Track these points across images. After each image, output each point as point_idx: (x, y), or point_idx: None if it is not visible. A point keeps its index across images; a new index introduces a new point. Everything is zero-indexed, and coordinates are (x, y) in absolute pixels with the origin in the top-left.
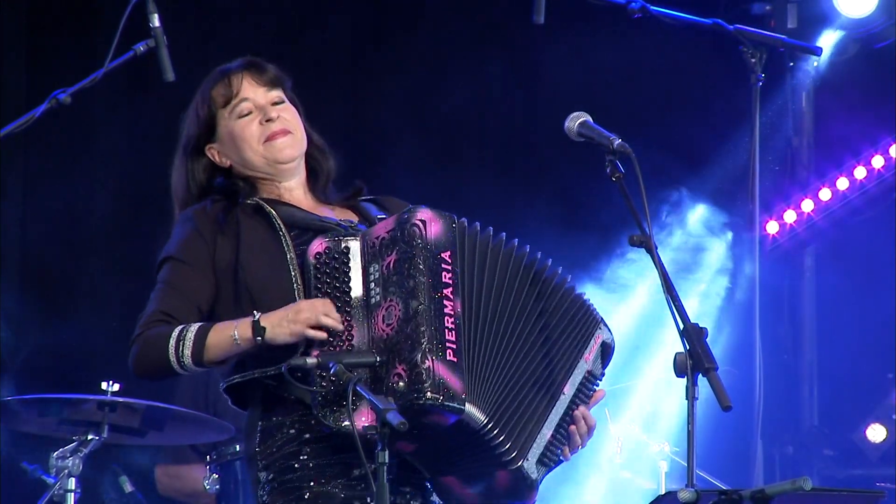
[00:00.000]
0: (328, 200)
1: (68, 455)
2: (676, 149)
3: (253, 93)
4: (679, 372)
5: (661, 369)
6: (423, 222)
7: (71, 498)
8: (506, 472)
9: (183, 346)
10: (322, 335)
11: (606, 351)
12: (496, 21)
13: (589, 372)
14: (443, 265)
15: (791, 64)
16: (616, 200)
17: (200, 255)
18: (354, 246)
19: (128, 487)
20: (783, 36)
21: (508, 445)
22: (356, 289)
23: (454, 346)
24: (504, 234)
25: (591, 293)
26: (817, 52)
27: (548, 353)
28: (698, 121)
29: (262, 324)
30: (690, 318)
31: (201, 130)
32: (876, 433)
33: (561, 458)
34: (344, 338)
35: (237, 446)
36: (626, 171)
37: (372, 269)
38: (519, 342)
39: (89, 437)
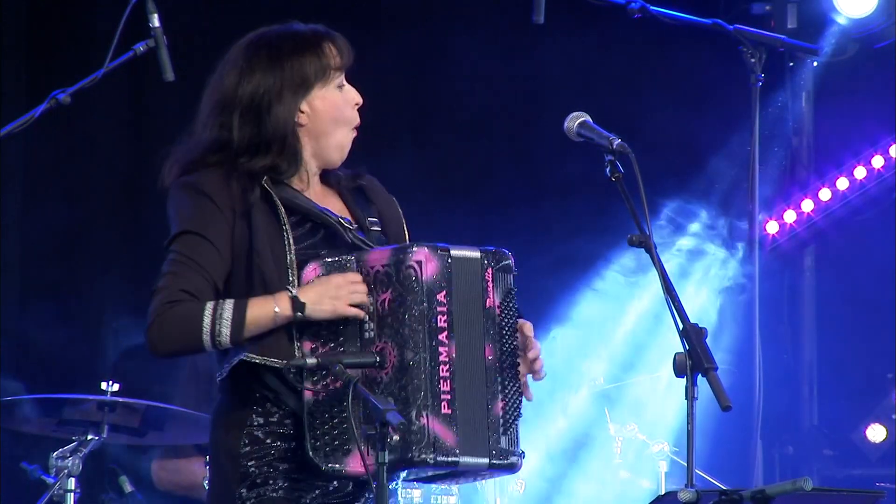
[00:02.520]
0: (328, 184)
1: (68, 455)
2: (676, 149)
3: (343, 70)
4: (679, 372)
5: (662, 369)
6: (419, 264)
7: (70, 498)
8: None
9: (220, 324)
10: (362, 314)
11: (506, 269)
12: (496, 20)
13: (499, 307)
14: (438, 308)
15: (791, 64)
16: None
17: (220, 232)
18: (349, 270)
19: (127, 487)
20: (783, 36)
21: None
22: (350, 322)
23: (449, 397)
24: (491, 248)
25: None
26: (817, 52)
27: (477, 335)
28: (698, 121)
29: (302, 299)
30: (690, 318)
31: (289, 84)
32: (876, 433)
33: (520, 402)
34: (329, 336)
35: None
36: (626, 172)
37: (369, 301)
38: (479, 353)
39: (89, 437)
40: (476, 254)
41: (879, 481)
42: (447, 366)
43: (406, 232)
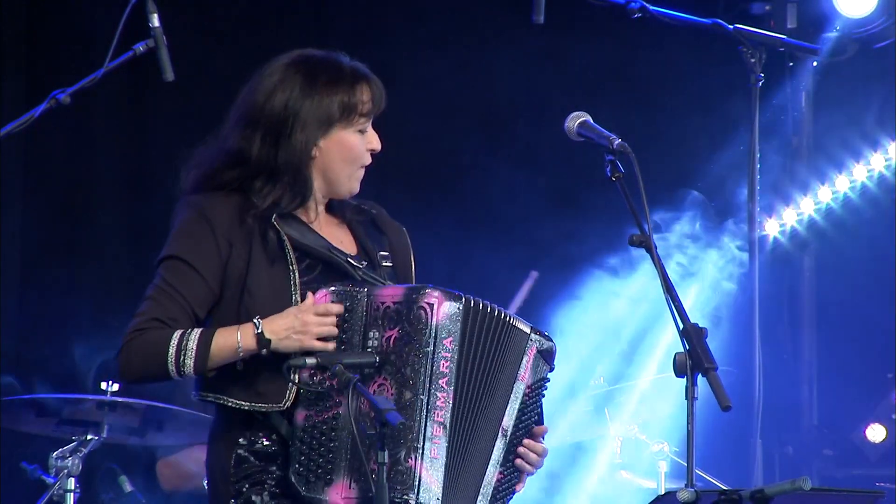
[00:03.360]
0: (334, 213)
1: (68, 455)
2: (676, 148)
3: (369, 115)
4: (679, 372)
5: (661, 369)
6: (431, 307)
7: (70, 498)
8: None
9: (185, 356)
10: (330, 346)
11: (546, 355)
12: (499, 20)
13: (529, 387)
14: (443, 353)
15: (791, 64)
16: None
17: (210, 262)
18: (359, 302)
19: (127, 487)
20: (783, 36)
21: None
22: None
23: (438, 443)
24: (542, 331)
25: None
26: (817, 51)
27: (493, 397)
28: (698, 121)
29: (267, 335)
30: (690, 318)
31: (333, 115)
32: (875, 433)
33: (515, 489)
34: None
35: None
36: (626, 171)
37: (371, 335)
38: (486, 407)
39: (89, 436)
40: (525, 328)
41: (879, 481)
42: (442, 412)
43: (413, 263)
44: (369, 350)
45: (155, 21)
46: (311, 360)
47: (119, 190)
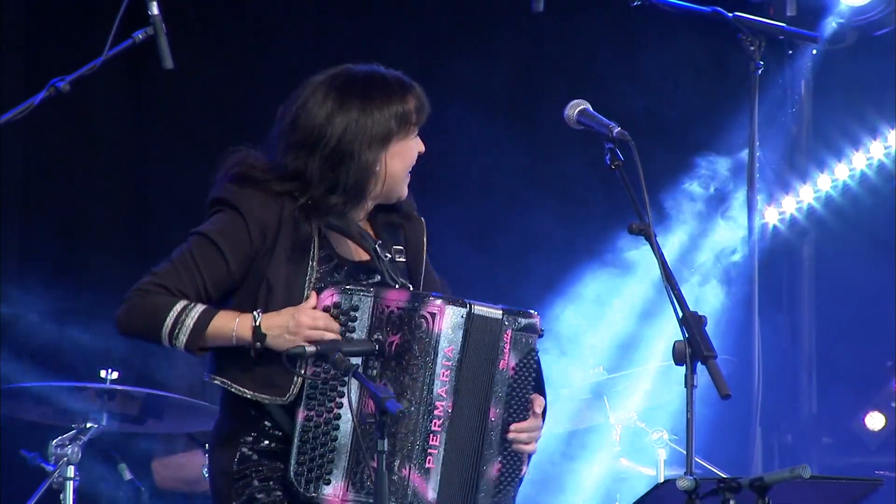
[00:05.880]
0: (376, 222)
1: (67, 443)
2: (675, 137)
3: (417, 126)
4: (678, 360)
5: (661, 357)
6: (433, 315)
7: (70, 485)
8: None
9: (179, 330)
10: (327, 336)
11: (527, 329)
12: (495, 8)
13: (515, 367)
14: (444, 362)
15: (790, 52)
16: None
17: (238, 249)
18: (366, 304)
19: (126, 475)
20: (782, 24)
21: None
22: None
23: (435, 452)
24: (515, 308)
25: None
26: (816, 39)
27: (483, 394)
28: (697, 108)
29: (263, 330)
30: (689, 306)
31: (392, 129)
32: (875, 421)
33: (521, 473)
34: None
35: None
36: (626, 159)
37: (375, 337)
38: (479, 406)
39: (88, 424)
40: (498, 313)
41: (878, 469)
42: (440, 421)
43: (424, 259)
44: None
45: (154, 9)
46: (310, 349)
47: (119, 177)
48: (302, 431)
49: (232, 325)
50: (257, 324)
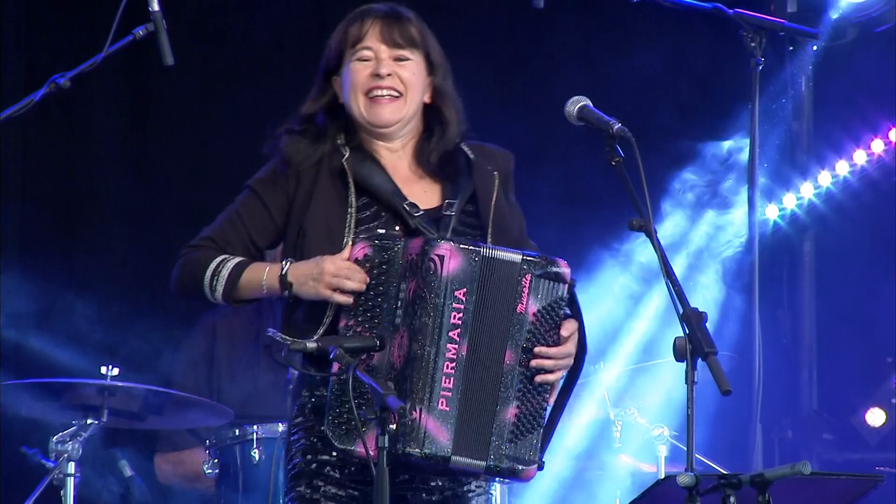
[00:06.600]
0: (430, 168)
1: (68, 439)
2: (675, 133)
3: (376, 44)
4: (679, 356)
5: (662, 354)
6: (441, 258)
7: (70, 482)
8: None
9: (217, 280)
10: (347, 300)
11: (551, 276)
12: (496, 6)
13: (534, 313)
14: (454, 304)
15: (791, 48)
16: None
17: (276, 196)
18: (396, 255)
19: (127, 471)
20: (783, 20)
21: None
22: (387, 302)
23: (448, 394)
24: (536, 255)
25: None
26: (817, 36)
27: (499, 338)
28: (698, 105)
29: (289, 278)
30: (690, 302)
31: (330, 59)
32: (875, 417)
33: (544, 408)
34: (366, 314)
35: (236, 430)
36: (626, 156)
37: (402, 286)
38: (495, 350)
39: (89, 421)
40: (516, 258)
41: (879, 465)
42: (453, 363)
43: (492, 206)
44: (399, 302)
45: (155, 5)
46: (311, 345)
47: (119, 173)
48: (335, 387)
49: (262, 274)
50: (284, 272)
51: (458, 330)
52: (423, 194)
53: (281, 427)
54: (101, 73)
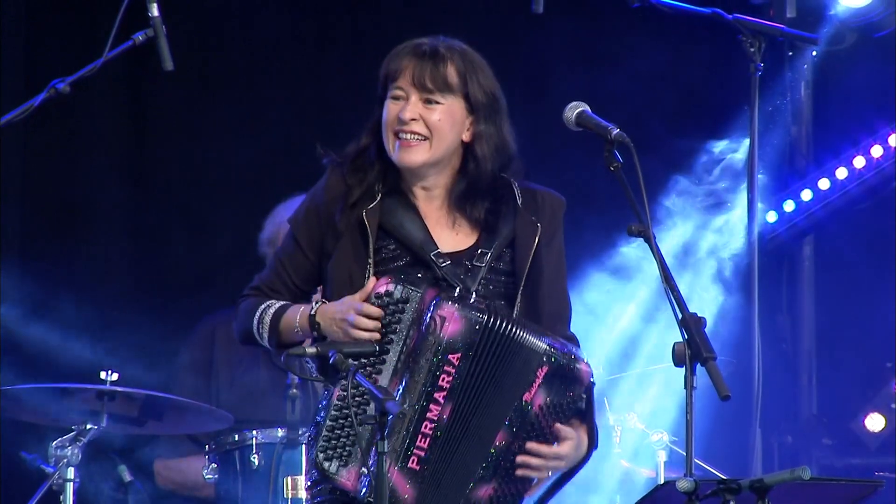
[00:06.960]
0: (465, 213)
1: (67, 444)
2: (674, 138)
3: (407, 86)
4: (678, 361)
5: (661, 359)
6: (442, 319)
7: (70, 487)
8: None
9: (262, 328)
10: (372, 336)
11: (563, 372)
12: (494, 10)
13: (540, 406)
14: (446, 367)
15: (790, 53)
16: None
17: (310, 237)
18: (414, 299)
19: (126, 476)
20: (782, 25)
21: None
22: (395, 345)
23: (422, 454)
24: (565, 349)
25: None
26: (816, 41)
27: (491, 416)
28: (697, 110)
29: (318, 319)
30: (689, 307)
31: (378, 89)
32: (875, 422)
33: (521, 499)
34: (376, 359)
35: (236, 436)
36: (625, 161)
37: (409, 335)
38: (481, 424)
39: (88, 426)
40: (541, 346)
41: (878, 470)
42: (433, 424)
43: (530, 259)
44: (403, 348)
45: (154, 10)
46: (310, 350)
47: (118, 178)
48: (334, 410)
49: (296, 316)
50: (313, 312)
51: (444, 393)
52: (455, 237)
53: (280, 432)
54: (100, 78)
